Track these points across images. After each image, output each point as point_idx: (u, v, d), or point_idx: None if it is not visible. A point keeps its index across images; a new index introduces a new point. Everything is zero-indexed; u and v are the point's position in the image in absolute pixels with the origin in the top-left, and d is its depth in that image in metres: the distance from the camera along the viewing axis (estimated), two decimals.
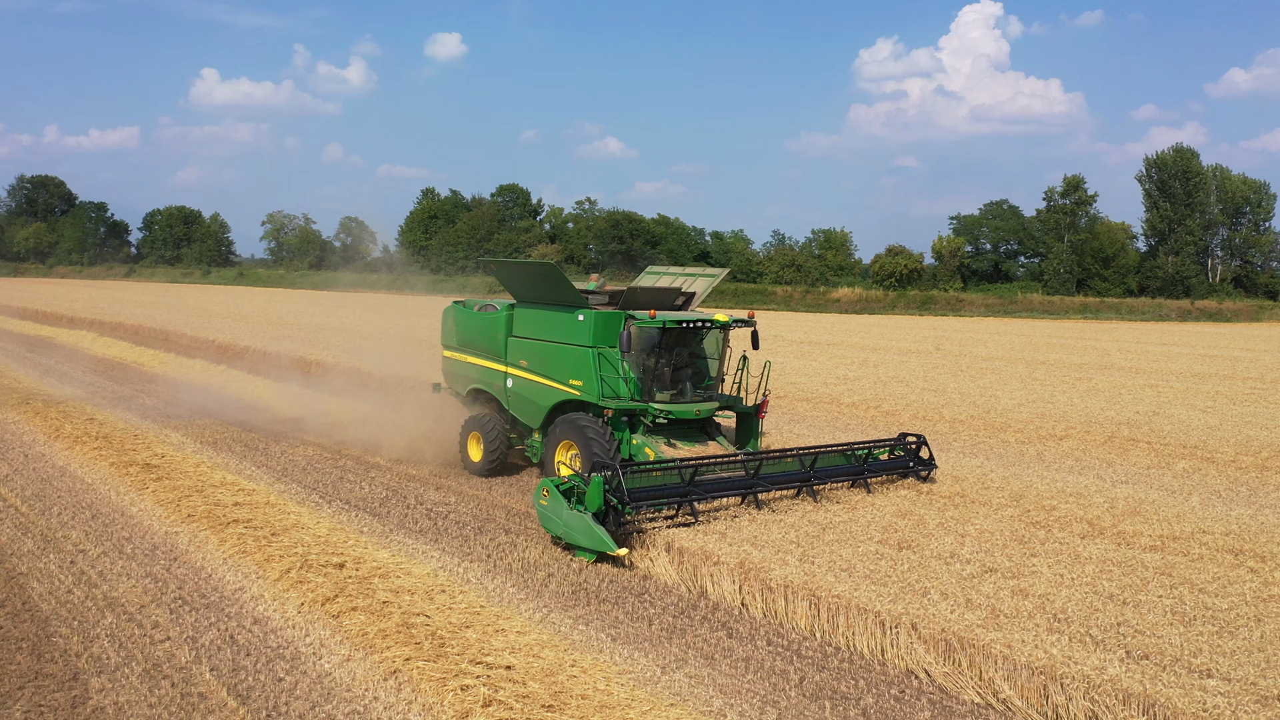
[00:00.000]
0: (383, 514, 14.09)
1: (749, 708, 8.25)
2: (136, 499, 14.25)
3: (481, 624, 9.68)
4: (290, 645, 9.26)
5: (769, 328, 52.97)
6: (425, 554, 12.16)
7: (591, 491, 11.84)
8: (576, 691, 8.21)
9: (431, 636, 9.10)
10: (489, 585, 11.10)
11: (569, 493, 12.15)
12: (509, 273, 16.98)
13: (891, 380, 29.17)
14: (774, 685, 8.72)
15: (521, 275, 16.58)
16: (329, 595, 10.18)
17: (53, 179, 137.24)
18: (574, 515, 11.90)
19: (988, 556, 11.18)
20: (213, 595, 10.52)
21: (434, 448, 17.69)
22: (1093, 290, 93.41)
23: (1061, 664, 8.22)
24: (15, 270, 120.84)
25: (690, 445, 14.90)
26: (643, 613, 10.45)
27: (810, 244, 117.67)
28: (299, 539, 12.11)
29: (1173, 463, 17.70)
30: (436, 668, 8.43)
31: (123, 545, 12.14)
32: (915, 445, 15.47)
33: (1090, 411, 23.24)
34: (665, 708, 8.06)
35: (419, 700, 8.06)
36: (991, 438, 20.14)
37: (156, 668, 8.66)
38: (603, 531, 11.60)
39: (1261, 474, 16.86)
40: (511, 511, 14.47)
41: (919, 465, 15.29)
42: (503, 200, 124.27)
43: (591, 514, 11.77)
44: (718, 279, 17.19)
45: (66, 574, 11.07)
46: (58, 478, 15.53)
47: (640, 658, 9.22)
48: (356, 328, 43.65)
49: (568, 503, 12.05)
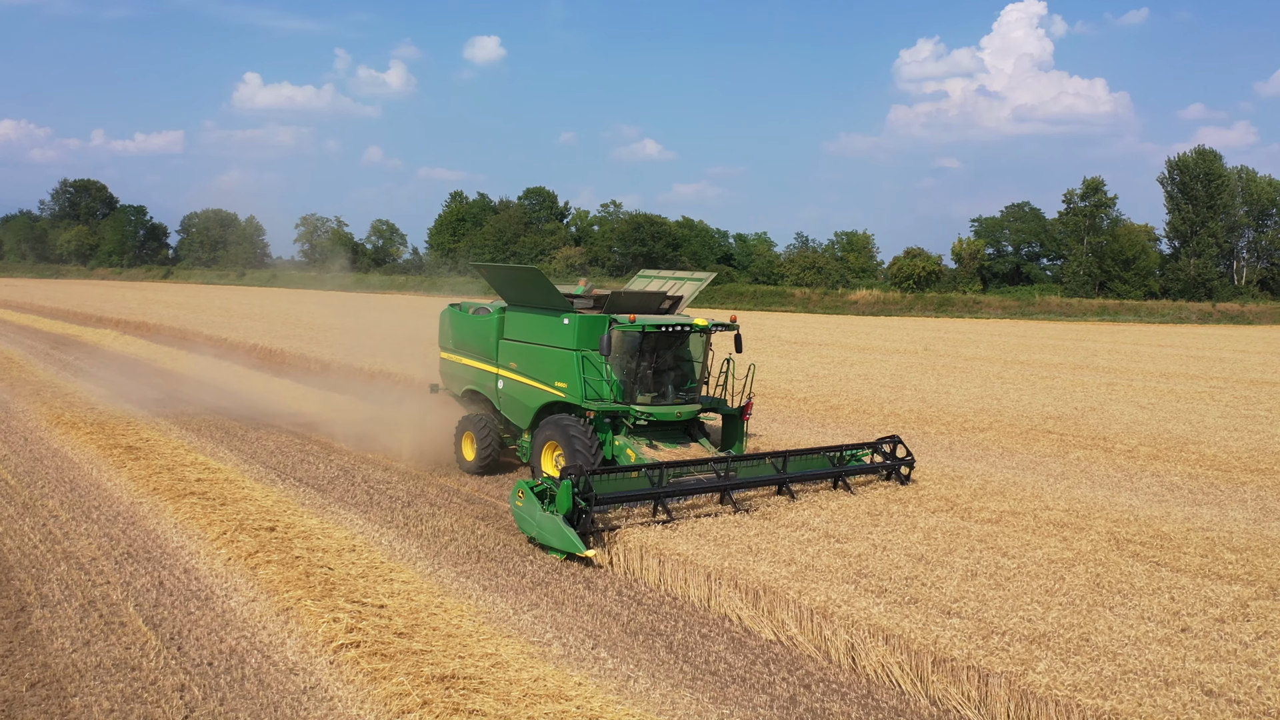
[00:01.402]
0: (327, 489, 15.83)
1: (573, 639, 9.85)
2: (114, 475, 16.10)
3: (375, 575, 11.36)
4: (208, 589, 10.99)
5: (771, 329, 54.63)
6: (351, 521, 13.88)
7: (561, 494, 12.14)
8: (431, 625, 9.86)
9: (325, 583, 10.78)
10: (396, 547, 12.79)
11: (542, 495, 12.50)
12: (498, 277, 17.48)
13: (856, 378, 30.53)
14: (602, 624, 10.33)
15: (509, 279, 17.15)
16: (251, 551, 11.89)
17: (95, 183, 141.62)
18: (546, 517, 12.27)
19: (832, 526, 12.67)
20: (155, 551, 12.29)
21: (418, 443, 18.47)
22: (1113, 293, 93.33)
23: (837, 606, 9.74)
24: (57, 272, 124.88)
25: (672, 447, 15.23)
26: (521, 569, 12.07)
27: (833, 246, 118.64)
28: (243, 508, 13.86)
29: (1069, 451, 19.05)
30: (320, 605, 10.10)
31: (90, 512, 13.97)
32: (891, 449, 15.60)
33: (1029, 406, 24.54)
34: (502, 638, 9.68)
35: (299, 630, 9.74)
36: (916, 429, 21.52)
37: (91, 603, 10.43)
38: (572, 533, 11.93)
39: (1148, 463, 18.16)
40: (444, 489, 16.15)
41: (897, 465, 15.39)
42: (530, 203, 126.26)
43: (562, 516, 12.11)
44: (704, 283, 17.60)
45: (36, 533, 12.90)
46: (49, 458, 17.44)
47: (500, 602, 10.85)
48: (367, 328, 45.53)
49: (541, 504, 12.41)
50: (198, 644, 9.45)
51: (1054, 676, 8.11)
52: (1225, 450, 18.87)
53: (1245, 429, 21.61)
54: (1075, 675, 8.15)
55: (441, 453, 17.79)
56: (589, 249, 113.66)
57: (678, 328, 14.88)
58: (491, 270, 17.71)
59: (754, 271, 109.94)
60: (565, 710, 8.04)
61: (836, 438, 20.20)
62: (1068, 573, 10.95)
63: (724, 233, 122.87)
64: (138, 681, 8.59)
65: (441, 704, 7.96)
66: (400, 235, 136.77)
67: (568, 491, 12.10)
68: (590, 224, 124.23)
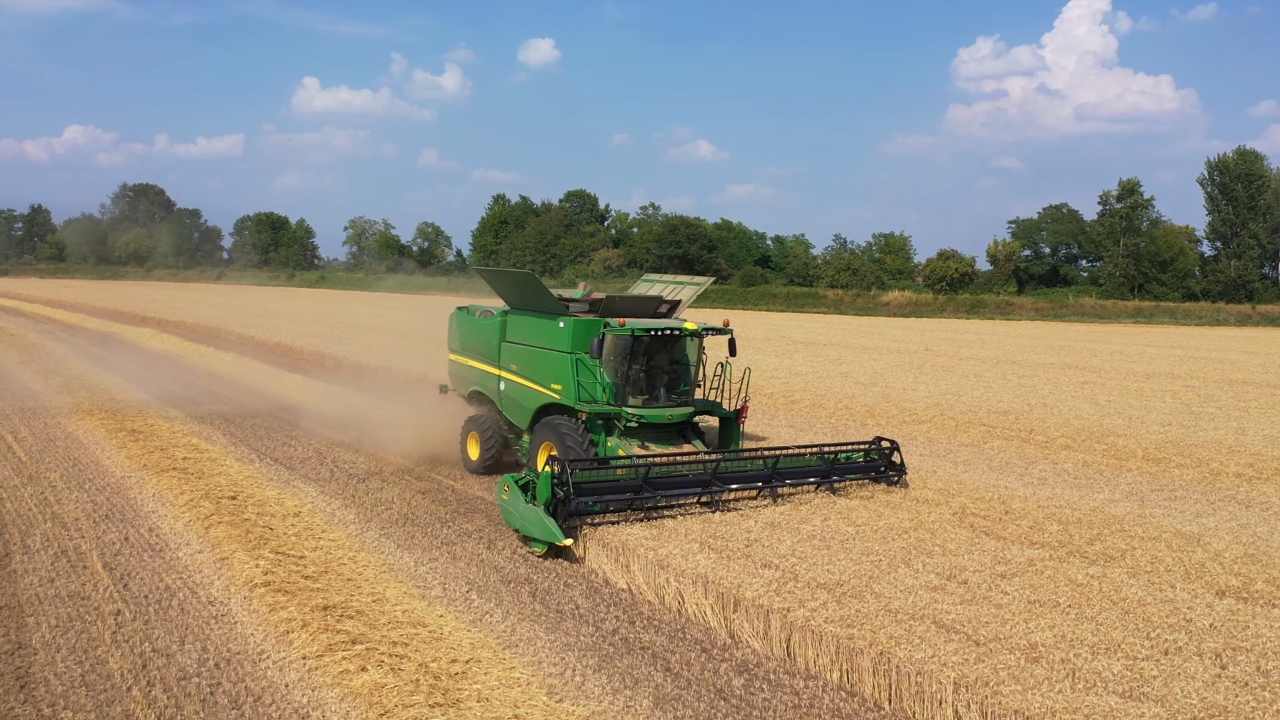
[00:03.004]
0: (296, 467, 17.84)
1: (454, 585, 11.67)
2: (114, 454, 18.26)
3: (308, 534, 13.29)
4: (164, 542, 13.01)
5: (787, 329, 56.05)
6: (305, 493, 15.85)
7: (541, 484, 12.60)
8: (337, 572, 11.76)
9: (260, 540, 12.73)
10: (337, 513, 14.72)
11: (525, 487, 13.01)
12: (498, 281, 17.84)
13: (835, 375, 32.00)
14: (485, 575, 12.14)
15: (508, 284, 17.57)
16: (208, 514, 13.90)
17: (153, 187, 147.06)
18: (529, 509, 12.71)
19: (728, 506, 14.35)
20: (130, 514, 14.36)
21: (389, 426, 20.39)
22: (1149, 295, 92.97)
23: (676, 560, 11.44)
24: (116, 274, 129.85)
25: (664, 447, 15.55)
26: (438, 534, 13.94)
27: (870, 248, 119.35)
28: (215, 481, 15.91)
29: (990, 441, 20.48)
30: (249, 555, 12.05)
31: (84, 483, 16.12)
32: (890, 450, 15.85)
33: (982, 402, 25.89)
34: (393, 582, 11.54)
35: (227, 574, 11.69)
36: (858, 420, 23.04)
37: (64, 552, 12.49)
38: (551, 523, 12.29)
39: (1055, 451, 19.55)
40: (398, 468, 18.06)
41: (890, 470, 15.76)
42: (571, 205, 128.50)
43: (543, 507, 12.57)
44: (702, 288, 17.97)
45: (33, 499, 15.05)
46: (62, 439, 19.68)
47: (406, 557, 12.72)
48: (391, 327, 48.03)
49: (524, 497, 12.90)
50: (141, 582, 11.45)
51: (818, 613, 9.76)
52: (1138, 442, 20.16)
53: (1179, 424, 22.79)
54: (838, 612, 9.79)
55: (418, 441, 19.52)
56: (627, 251, 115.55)
57: (667, 331, 15.22)
58: (491, 275, 18.05)
59: (789, 273, 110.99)
60: (418, 633, 9.89)
61: (781, 428, 21.81)
62: (897, 539, 12.52)
63: (761, 234, 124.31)
64: (83, 607, 10.61)
65: (318, 625, 9.85)
66: (445, 237, 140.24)
67: (547, 481, 12.52)
68: (630, 226, 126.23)
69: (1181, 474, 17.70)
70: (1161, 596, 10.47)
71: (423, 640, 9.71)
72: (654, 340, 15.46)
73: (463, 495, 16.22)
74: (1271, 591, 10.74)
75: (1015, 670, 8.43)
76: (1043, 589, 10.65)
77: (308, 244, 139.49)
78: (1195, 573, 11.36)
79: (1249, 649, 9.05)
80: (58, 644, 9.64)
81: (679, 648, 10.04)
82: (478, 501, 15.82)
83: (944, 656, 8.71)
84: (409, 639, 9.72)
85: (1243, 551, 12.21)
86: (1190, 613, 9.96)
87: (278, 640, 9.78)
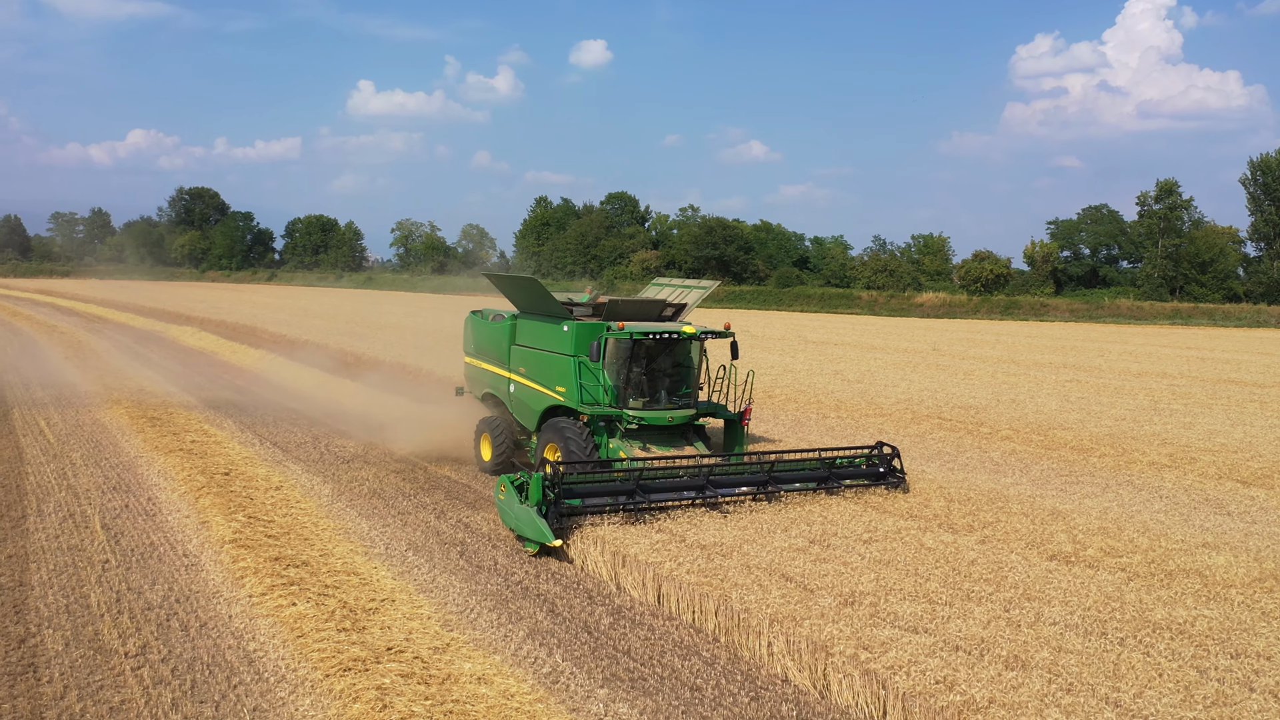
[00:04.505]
0: (291, 450, 19.85)
1: (396, 545, 13.51)
2: (132, 438, 20.42)
3: (284, 504, 15.22)
4: (158, 509, 15.04)
5: (804, 330, 57.34)
6: (291, 471, 17.82)
7: (532, 486, 13.00)
8: (298, 533, 13.65)
9: (240, 507, 14.68)
10: (315, 488, 16.66)
11: (520, 488, 13.44)
12: (505, 286, 18.36)
13: (827, 373, 33.45)
14: (427, 539, 13.98)
15: (513, 288, 18.08)
16: (200, 487, 15.90)
17: (208, 190, 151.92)
18: (522, 509, 13.13)
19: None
20: (134, 486, 16.43)
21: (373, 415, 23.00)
22: (1189, 296, 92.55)
23: (622, 540, 13.18)
24: (172, 275, 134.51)
25: (664, 449, 15.90)
26: (399, 506, 15.80)
27: (909, 249, 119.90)
28: (214, 461, 17.95)
29: (936, 432, 21.94)
30: (225, 519, 13.98)
31: (100, 461, 18.26)
32: (891, 455, 15.93)
33: (951, 398, 27.26)
34: (344, 542, 13.40)
35: (204, 534, 13.64)
36: (823, 412, 24.57)
37: (70, 515, 14.56)
38: (543, 524, 12.68)
39: (996, 442, 20.94)
40: (383, 453, 19.98)
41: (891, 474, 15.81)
42: (611, 207, 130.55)
43: (536, 508, 13.00)
44: (708, 291, 18.37)
45: (54, 473, 17.19)
46: (89, 425, 21.92)
47: (364, 524, 14.59)
48: (418, 327, 50.38)
49: (519, 497, 13.34)
50: (130, 539, 13.46)
51: (684, 566, 11.45)
52: (1077, 435, 21.49)
53: (1132, 419, 24.01)
54: (704, 566, 11.47)
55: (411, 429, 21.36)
56: (665, 253, 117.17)
57: (666, 335, 15.68)
58: (499, 280, 18.56)
59: (826, 274, 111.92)
60: (349, 579, 11.74)
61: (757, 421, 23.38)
62: (788, 510, 14.14)
63: (800, 236, 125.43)
64: (78, 557, 12.62)
65: (267, 572, 11.75)
66: (490, 239, 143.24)
67: (538, 483, 12.94)
68: (669, 228, 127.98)
69: (1100, 462, 19.05)
70: (994, 559, 12.00)
71: (351, 585, 11.55)
72: (653, 343, 15.94)
73: (432, 475, 18.07)
74: (1097, 557, 12.21)
75: (826, 610, 10.05)
76: (892, 551, 12.24)
77: (356, 246, 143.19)
78: (1039, 541, 12.85)
79: (1038, 598, 10.58)
80: (51, 583, 11.65)
81: (569, 595, 11.78)
82: (442, 479, 17.68)
83: (772, 600, 10.36)
84: (340, 584, 11.57)
85: (1097, 526, 13.64)
86: (1009, 571, 11.50)
87: (233, 584, 11.70)
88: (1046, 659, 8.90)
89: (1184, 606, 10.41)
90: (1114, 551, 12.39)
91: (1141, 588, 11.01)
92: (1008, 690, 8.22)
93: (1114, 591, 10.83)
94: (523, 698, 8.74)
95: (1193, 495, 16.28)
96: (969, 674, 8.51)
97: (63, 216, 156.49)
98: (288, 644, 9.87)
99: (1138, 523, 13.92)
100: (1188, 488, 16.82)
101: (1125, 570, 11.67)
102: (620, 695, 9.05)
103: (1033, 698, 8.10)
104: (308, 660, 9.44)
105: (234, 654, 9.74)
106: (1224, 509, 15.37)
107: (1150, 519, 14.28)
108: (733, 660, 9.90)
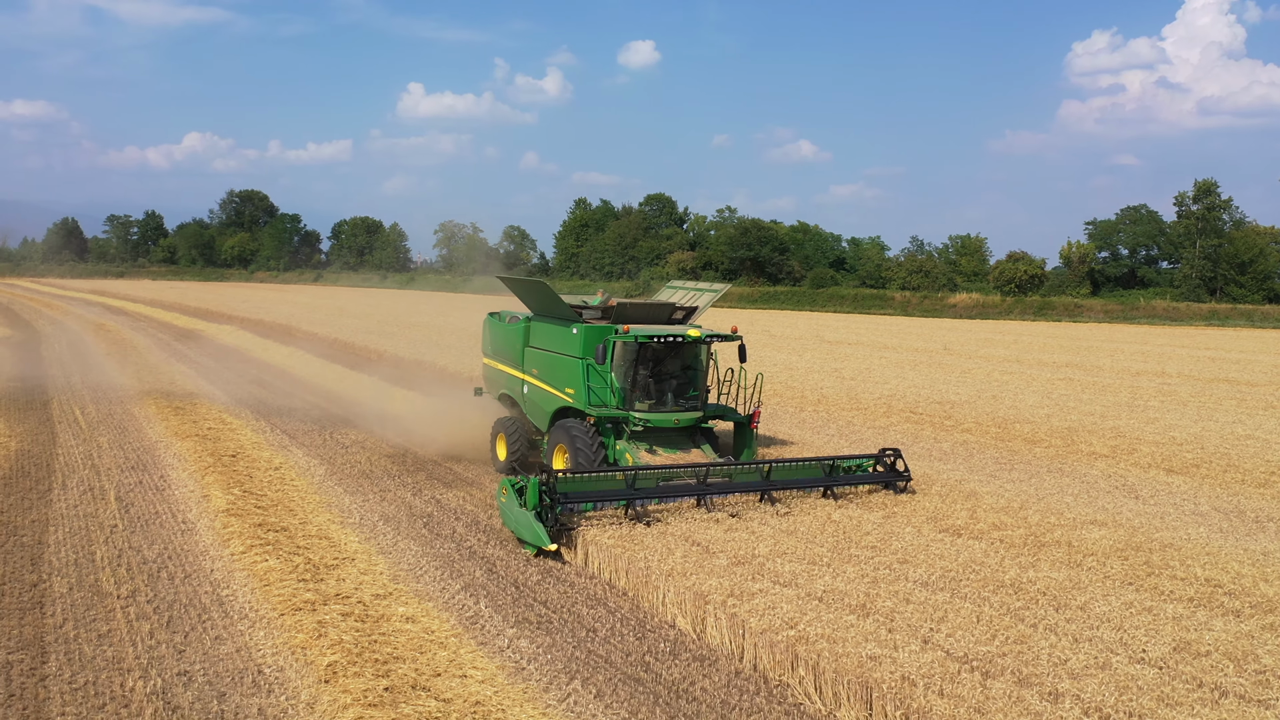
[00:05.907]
0: (298, 437, 21.69)
1: (376, 520, 15.22)
2: (156, 425, 22.40)
3: (280, 481, 17.02)
4: (167, 484, 16.90)
5: (826, 330, 58.43)
6: (293, 454, 19.63)
7: (529, 490, 13.20)
8: (286, 506, 15.42)
9: (238, 483, 16.51)
10: (311, 469, 18.43)
11: (521, 491, 13.56)
12: (517, 288, 18.82)
13: (826, 371, 34.79)
14: (403, 514, 15.68)
15: (525, 291, 18.52)
16: (208, 466, 17.77)
17: (257, 193, 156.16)
18: (520, 513, 13.36)
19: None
20: (150, 465, 18.34)
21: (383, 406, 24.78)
22: (1228, 296, 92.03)
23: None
24: (221, 276, 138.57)
25: (671, 452, 16.22)
26: (384, 486, 17.51)
27: (946, 250, 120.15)
28: (225, 445, 19.84)
29: (901, 425, 23.26)
30: (223, 492, 15.80)
31: (124, 444, 20.23)
32: (892, 460, 16.07)
33: (933, 394, 28.51)
34: (325, 513, 15.14)
35: (204, 505, 15.44)
36: (803, 406, 25.98)
37: (90, 489, 16.47)
38: (540, 528, 12.90)
39: (957, 434, 22.25)
40: (380, 439, 21.76)
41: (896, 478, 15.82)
42: (650, 209, 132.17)
43: (533, 511, 13.23)
44: (719, 294, 18.86)
45: (81, 454, 19.17)
46: (120, 413, 23.98)
47: (348, 499, 16.32)
48: (445, 326, 52.36)
49: (519, 500, 13.51)
50: (138, 508, 15.33)
51: (610, 535, 13.01)
52: (1035, 428, 22.71)
53: (1101, 415, 25.14)
54: (629, 533, 13.02)
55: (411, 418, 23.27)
56: (702, 254, 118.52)
57: (671, 338, 15.99)
58: (511, 283, 19.00)
59: (861, 275, 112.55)
60: (319, 542, 13.47)
61: None
62: None
63: (838, 237, 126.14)
64: (91, 523, 14.49)
65: (251, 537, 13.50)
66: (530, 240, 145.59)
67: (535, 488, 13.18)
68: (707, 229, 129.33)
69: (1044, 452, 20.29)
70: (891, 531, 13.42)
71: (320, 547, 13.27)
72: (659, 346, 16.25)
73: (419, 459, 19.79)
74: (985, 530, 13.56)
75: (717, 568, 11.56)
76: (798, 524, 13.70)
77: (400, 247, 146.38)
78: (939, 517, 14.23)
79: (910, 561, 12.00)
80: (65, 542, 13.51)
81: (510, 559, 13.38)
82: (427, 463, 19.38)
83: (675, 560, 11.89)
84: (311, 545, 13.30)
85: (1004, 504, 14.99)
86: (897, 541, 12.91)
87: (220, 545, 13.46)
88: (888, 607, 10.34)
89: (1036, 570, 11.78)
90: (1002, 526, 13.74)
91: (1007, 555, 12.38)
92: (841, 629, 9.68)
93: (980, 557, 12.22)
94: (442, 634, 10.38)
95: (1112, 481, 17.51)
96: (815, 617, 9.99)
97: (118, 219, 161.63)
98: (255, 591, 11.59)
99: (1042, 504, 15.23)
100: (1111, 475, 18.05)
101: (1003, 541, 13.04)
102: (525, 634, 10.64)
103: (859, 635, 9.55)
104: (268, 603, 11.16)
105: (208, 598, 11.49)
106: (1135, 493, 16.61)
107: (1055, 501, 15.59)
108: (633, 610, 11.44)
